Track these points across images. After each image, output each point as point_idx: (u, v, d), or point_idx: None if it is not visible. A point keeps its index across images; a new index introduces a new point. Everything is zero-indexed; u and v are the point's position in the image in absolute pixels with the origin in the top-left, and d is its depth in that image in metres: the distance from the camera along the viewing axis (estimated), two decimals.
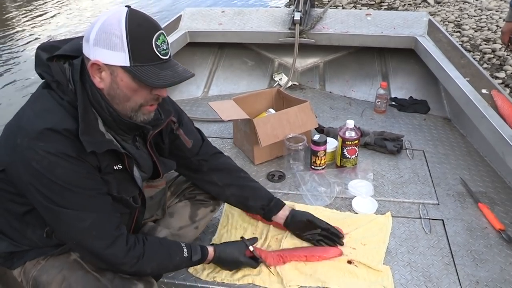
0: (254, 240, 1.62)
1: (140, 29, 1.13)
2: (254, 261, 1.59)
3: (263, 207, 1.68)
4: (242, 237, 1.64)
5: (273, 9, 5.06)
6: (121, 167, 1.29)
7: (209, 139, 2.52)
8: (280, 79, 3.26)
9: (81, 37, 1.22)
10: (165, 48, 1.17)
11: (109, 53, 1.13)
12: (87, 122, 1.17)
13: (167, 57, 1.18)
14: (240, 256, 1.55)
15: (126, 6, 1.16)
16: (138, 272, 1.30)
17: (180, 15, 3.36)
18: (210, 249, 1.49)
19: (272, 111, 2.51)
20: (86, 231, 1.20)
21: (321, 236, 1.70)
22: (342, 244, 1.70)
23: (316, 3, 3.74)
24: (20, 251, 1.34)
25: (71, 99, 1.18)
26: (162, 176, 1.53)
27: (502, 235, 1.76)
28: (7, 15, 8.57)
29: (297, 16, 3.01)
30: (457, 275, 1.60)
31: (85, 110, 1.17)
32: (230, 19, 3.29)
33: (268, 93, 2.60)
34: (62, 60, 1.22)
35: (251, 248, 1.59)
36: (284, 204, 1.73)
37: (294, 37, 3.04)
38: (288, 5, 7.51)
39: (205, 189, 1.70)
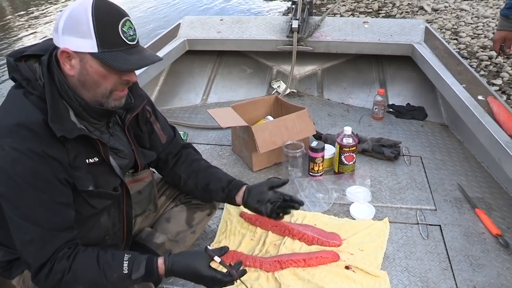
0: (223, 249, 1.36)
1: (106, 15, 1.16)
2: (224, 274, 1.32)
3: (223, 189, 1.61)
4: (206, 247, 1.34)
5: (271, 17, 5.10)
6: (97, 159, 1.30)
7: (208, 146, 2.56)
8: (279, 86, 3.27)
9: (49, 39, 1.26)
10: (131, 34, 1.20)
11: (77, 40, 1.15)
12: (57, 112, 1.19)
13: (134, 43, 1.21)
14: (201, 269, 1.30)
15: None
16: None
17: (179, 23, 3.38)
18: (160, 262, 1.30)
19: (270, 118, 2.53)
20: (25, 244, 1.20)
21: (280, 208, 1.59)
22: (297, 208, 1.61)
23: (314, 11, 3.76)
24: (17, 259, 1.35)
25: (40, 93, 1.20)
26: (141, 167, 1.53)
27: (499, 240, 1.77)
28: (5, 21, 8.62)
29: (295, 24, 3.02)
30: (455, 280, 1.61)
31: (54, 101, 1.20)
32: (228, 27, 3.32)
33: (266, 100, 2.62)
34: (32, 60, 1.25)
35: (217, 259, 1.31)
36: (245, 184, 1.64)
37: (292, 45, 3.06)
38: (286, 13, 7.57)
39: (174, 185, 1.71)
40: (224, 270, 1.33)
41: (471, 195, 2.05)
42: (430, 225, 1.89)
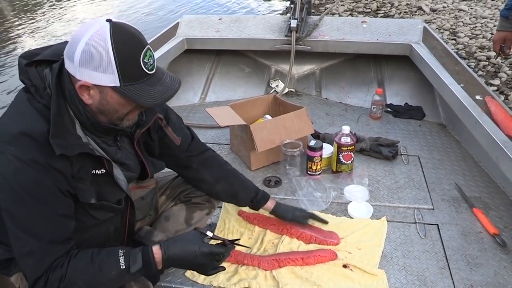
0: (211, 226, 1.39)
1: (127, 49, 1.11)
2: (219, 246, 1.35)
3: (251, 200, 1.72)
4: (195, 228, 1.38)
5: (270, 17, 5.10)
6: (104, 171, 1.28)
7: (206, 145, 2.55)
8: (277, 85, 3.28)
9: (63, 42, 1.22)
10: (152, 63, 1.17)
11: (98, 74, 1.11)
12: (60, 125, 1.16)
13: (154, 71, 1.19)
14: (197, 245, 1.30)
15: (107, 20, 1.13)
16: None
17: (178, 22, 3.38)
18: (156, 248, 1.28)
19: (268, 117, 2.53)
20: (23, 256, 1.19)
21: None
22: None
23: (312, 10, 3.76)
24: None
25: (47, 102, 1.17)
26: (150, 176, 1.53)
27: (496, 239, 1.78)
28: (6, 22, 8.61)
29: (294, 23, 3.03)
30: (452, 279, 1.61)
31: (60, 114, 1.17)
32: (227, 26, 3.32)
33: (264, 99, 2.62)
34: (44, 66, 1.22)
35: (209, 233, 1.33)
36: (269, 196, 1.77)
37: (290, 44, 3.06)
38: (284, 12, 7.57)
39: (197, 187, 1.72)
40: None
41: (469, 194, 2.06)
42: (427, 224, 1.89)
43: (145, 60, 1.14)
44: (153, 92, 1.17)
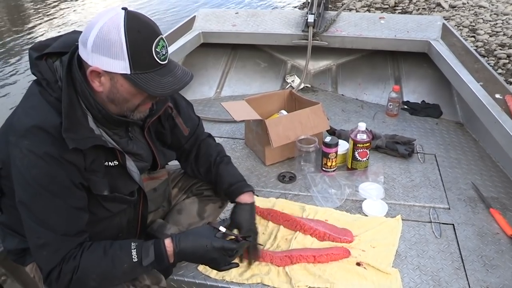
0: (225, 221, 1.37)
1: (139, 36, 1.11)
2: (232, 242, 1.34)
3: (224, 191, 1.60)
4: (209, 222, 1.37)
5: (287, 11, 5.08)
6: (117, 163, 1.29)
7: (221, 140, 2.56)
8: (293, 81, 3.26)
9: (72, 32, 1.23)
10: (164, 53, 1.17)
11: (109, 60, 1.12)
12: (73, 118, 1.16)
13: (166, 62, 1.18)
14: (209, 239, 1.29)
15: (123, 8, 1.13)
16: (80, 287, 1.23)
17: (194, 16, 3.38)
18: (168, 241, 1.28)
19: (284, 112, 2.52)
20: (38, 247, 1.20)
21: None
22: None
23: (329, 6, 3.73)
24: None
25: (59, 95, 1.17)
26: (160, 167, 1.52)
27: None
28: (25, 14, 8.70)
29: (311, 18, 3.01)
30: (467, 280, 1.59)
31: (71, 107, 1.17)
32: (243, 21, 3.31)
33: (280, 94, 2.61)
34: (54, 58, 1.22)
35: (222, 229, 1.32)
36: (245, 191, 1.57)
37: (307, 40, 3.04)
38: (301, 7, 7.53)
39: (193, 176, 1.70)
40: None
41: (486, 194, 2.03)
42: (443, 223, 1.87)
43: (157, 49, 1.14)
44: (163, 82, 1.17)
